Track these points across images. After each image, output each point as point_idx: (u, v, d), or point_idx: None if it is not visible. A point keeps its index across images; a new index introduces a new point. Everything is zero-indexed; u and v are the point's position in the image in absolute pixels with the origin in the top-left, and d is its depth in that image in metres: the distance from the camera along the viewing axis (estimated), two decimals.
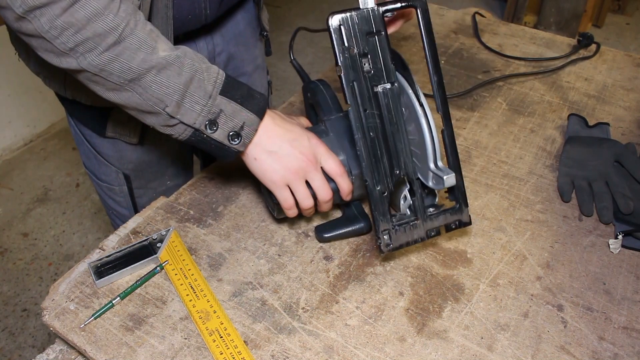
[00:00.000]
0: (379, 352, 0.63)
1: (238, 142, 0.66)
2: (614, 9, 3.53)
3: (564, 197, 0.84)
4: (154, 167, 0.95)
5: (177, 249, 0.73)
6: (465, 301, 0.68)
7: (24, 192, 2.21)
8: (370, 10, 0.63)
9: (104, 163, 0.92)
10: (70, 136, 2.46)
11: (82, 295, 0.68)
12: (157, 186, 0.98)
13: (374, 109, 0.64)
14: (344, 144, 0.73)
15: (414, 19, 0.68)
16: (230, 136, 0.65)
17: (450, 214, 0.69)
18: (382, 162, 0.65)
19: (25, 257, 1.93)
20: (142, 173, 0.94)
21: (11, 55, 0.85)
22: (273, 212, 0.75)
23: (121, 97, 0.63)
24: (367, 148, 0.64)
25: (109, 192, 0.97)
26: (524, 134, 0.98)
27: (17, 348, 1.65)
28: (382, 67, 0.64)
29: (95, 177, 0.96)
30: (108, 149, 0.90)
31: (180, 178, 1.01)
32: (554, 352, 0.63)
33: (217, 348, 0.61)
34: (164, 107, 0.62)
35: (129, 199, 0.97)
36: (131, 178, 0.94)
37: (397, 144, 0.66)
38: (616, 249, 0.75)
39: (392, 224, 0.66)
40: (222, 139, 0.65)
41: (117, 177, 0.93)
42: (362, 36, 0.63)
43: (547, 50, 1.23)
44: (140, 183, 0.96)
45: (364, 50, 0.63)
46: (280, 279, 0.71)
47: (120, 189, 0.95)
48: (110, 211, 1.02)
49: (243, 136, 0.65)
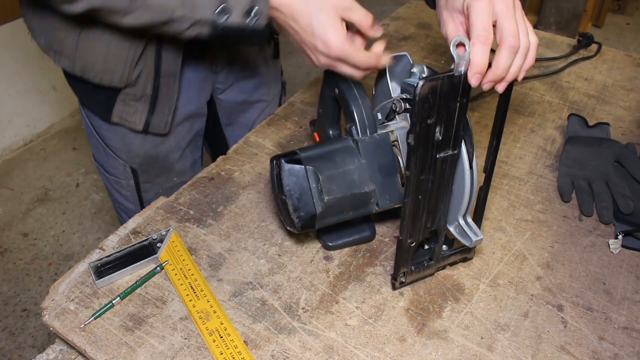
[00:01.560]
0: (379, 352, 0.63)
1: (257, 17, 0.65)
2: (614, 9, 3.54)
3: (564, 197, 0.84)
4: (161, 162, 0.96)
5: (177, 249, 0.73)
6: (465, 301, 0.68)
7: (24, 192, 2.21)
8: (462, 75, 0.56)
9: (112, 156, 0.93)
10: (70, 136, 2.46)
11: (82, 295, 0.68)
12: (164, 182, 0.99)
13: (430, 174, 0.60)
14: (375, 173, 0.68)
15: None
16: (245, 15, 0.65)
17: (460, 252, 0.71)
18: (420, 220, 0.64)
19: (25, 257, 1.93)
20: (148, 168, 0.95)
21: (11, 55, 0.85)
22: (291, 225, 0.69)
23: (135, 18, 0.66)
24: (411, 210, 0.62)
25: (116, 185, 0.98)
26: (524, 134, 0.98)
27: (17, 348, 1.65)
28: (452, 134, 0.59)
29: (104, 169, 0.98)
30: (116, 142, 0.91)
31: (187, 175, 1.01)
32: (554, 352, 0.63)
33: (217, 348, 0.61)
34: (173, 12, 0.64)
35: (136, 193, 0.98)
36: (138, 172, 0.95)
37: (440, 203, 0.64)
38: (616, 249, 0.75)
39: (410, 266, 0.68)
40: (240, 21, 0.65)
41: (124, 170, 0.95)
42: (444, 103, 0.56)
43: (547, 50, 1.23)
44: (147, 178, 0.97)
45: (442, 118, 0.57)
46: (280, 279, 0.71)
47: (127, 182, 0.96)
48: (117, 205, 1.03)
49: (259, 11, 0.65)
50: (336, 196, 0.65)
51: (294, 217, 0.66)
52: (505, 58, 0.57)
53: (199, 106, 0.97)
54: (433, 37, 1.29)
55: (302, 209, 0.65)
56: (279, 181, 0.66)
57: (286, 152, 0.67)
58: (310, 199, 0.65)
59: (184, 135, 0.96)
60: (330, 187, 0.65)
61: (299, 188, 0.65)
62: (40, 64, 2.30)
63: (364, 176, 0.67)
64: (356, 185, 0.66)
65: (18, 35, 2.18)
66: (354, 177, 0.66)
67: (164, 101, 0.86)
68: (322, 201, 0.65)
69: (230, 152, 0.92)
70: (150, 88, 0.83)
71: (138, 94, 0.84)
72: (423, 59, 1.20)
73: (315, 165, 0.65)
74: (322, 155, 0.67)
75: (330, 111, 0.78)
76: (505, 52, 0.57)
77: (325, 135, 0.80)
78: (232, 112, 1.07)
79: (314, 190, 0.64)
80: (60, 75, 0.89)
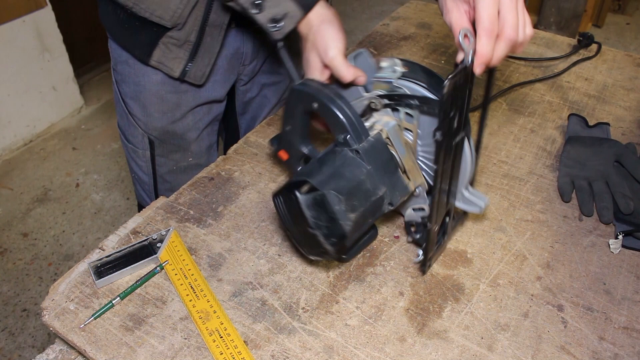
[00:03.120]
0: (379, 352, 0.63)
1: (277, 29, 0.70)
2: (614, 8, 3.53)
3: (564, 197, 0.84)
4: (177, 139, 0.99)
5: (177, 249, 0.73)
6: (465, 301, 0.68)
7: (24, 192, 2.21)
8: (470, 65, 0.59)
9: (133, 124, 0.97)
10: (70, 136, 2.46)
11: (82, 295, 0.68)
12: (179, 160, 1.02)
13: (450, 161, 0.64)
14: (382, 174, 0.67)
15: None
16: (270, 21, 0.70)
17: (459, 220, 0.77)
18: (442, 205, 0.67)
19: (25, 257, 1.93)
20: (165, 142, 0.99)
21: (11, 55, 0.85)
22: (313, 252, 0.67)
23: None
24: (438, 199, 0.65)
25: (133, 154, 1.02)
26: (524, 134, 0.98)
27: (17, 348, 1.65)
28: (462, 120, 0.63)
29: (124, 137, 1.02)
30: (138, 111, 0.95)
31: (203, 158, 1.05)
32: (554, 352, 0.63)
33: (217, 348, 0.61)
34: None
35: (150, 165, 1.02)
36: (155, 144, 0.99)
37: (452, 184, 0.68)
38: (616, 249, 0.75)
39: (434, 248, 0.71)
40: (264, 22, 0.70)
41: (142, 140, 0.98)
42: (460, 94, 0.60)
43: (547, 50, 1.23)
44: (163, 151, 1.00)
45: (457, 108, 0.61)
46: (280, 279, 0.71)
47: (143, 153, 1.00)
48: (133, 174, 1.07)
49: (283, 25, 0.70)
50: (360, 210, 0.64)
51: (327, 245, 0.63)
52: (502, 49, 0.60)
53: (222, 92, 1.00)
54: (433, 37, 1.29)
55: (333, 235, 0.62)
56: (297, 215, 0.63)
57: (290, 183, 0.64)
58: (337, 222, 0.62)
59: (202, 117, 1.00)
60: (353, 204, 0.63)
61: (325, 215, 0.62)
62: (40, 64, 2.30)
63: (375, 181, 0.66)
64: (371, 192, 0.65)
65: (18, 35, 2.18)
66: (368, 186, 0.65)
67: (205, 51, 0.89)
68: (349, 220, 0.62)
69: (230, 152, 0.92)
70: (195, 35, 0.86)
71: (182, 39, 0.86)
72: (423, 59, 1.20)
73: (331, 187, 0.62)
74: (332, 175, 0.64)
75: (300, 127, 0.74)
76: (503, 44, 0.59)
77: (296, 153, 0.76)
78: (248, 102, 1.11)
79: (339, 213, 0.62)
80: (60, 75, 0.90)
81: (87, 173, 2.30)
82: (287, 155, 0.78)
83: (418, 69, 0.67)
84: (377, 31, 1.31)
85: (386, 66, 0.69)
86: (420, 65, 0.68)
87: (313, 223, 0.62)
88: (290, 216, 0.65)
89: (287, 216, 0.65)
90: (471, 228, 0.78)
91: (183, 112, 0.96)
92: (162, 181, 1.04)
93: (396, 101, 0.68)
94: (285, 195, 0.64)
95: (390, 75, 0.68)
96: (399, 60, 0.68)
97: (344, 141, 0.66)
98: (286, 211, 0.65)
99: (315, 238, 0.63)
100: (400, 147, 0.69)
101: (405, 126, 0.69)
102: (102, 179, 2.25)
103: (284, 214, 0.65)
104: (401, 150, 0.69)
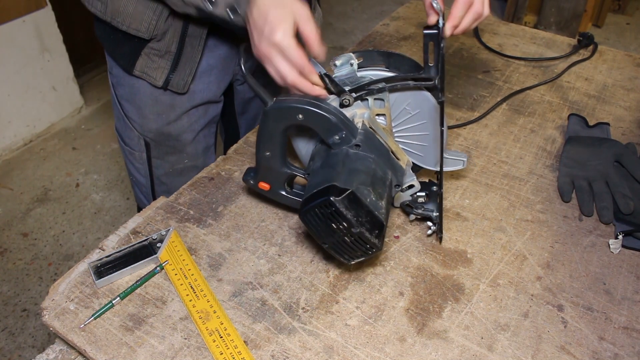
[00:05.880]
0: (379, 352, 0.62)
1: (238, 15, 0.71)
2: (614, 8, 3.53)
3: (564, 197, 0.84)
4: (172, 141, 1.00)
5: (177, 249, 0.73)
6: (465, 301, 0.68)
7: (24, 192, 2.21)
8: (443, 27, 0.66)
9: (129, 126, 0.98)
10: (70, 136, 2.46)
11: (82, 295, 0.68)
12: (175, 162, 1.03)
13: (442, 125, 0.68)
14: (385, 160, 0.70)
15: None
16: (228, 11, 0.71)
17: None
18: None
19: (25, 257, 1.93)
20: (161, 144, 1.00)
21: (11, 55, 0.86)
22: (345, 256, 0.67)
23: None
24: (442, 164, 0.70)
25: (130, 156, 1.03)
26: (524, 134, 0.98)
27: (17, 348, 1.65)
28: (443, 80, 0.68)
29: (122, 139, 1.03)
30: (133, 113, 0.96)
31: (199, 160, 1.05)
32: (554, 352, 0.63)
33: (217, 348, 0.61)
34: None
35: (147, 167, 1.03)
36: (151, 146, 1.00)
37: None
38: (616, 249, 0.75)
39: None
40: (222, 13, 0.71)
41: (138, 142, 0.99)
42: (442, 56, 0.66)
43: (547, 50, 1.23)
44: (159, 153, 1.01)
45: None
46: (280, 279, 0.71)
47: (139, 155, 1.01)
48: (131, 177, 1.08)
49: (240, 10, 0.70)
50: (385, 197, 0.66)
51: (373, 239, 0.64)
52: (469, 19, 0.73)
53: (217, 93, 1.00)
54: None
55: (375, 227, 0.64)
56: (336, 222, 0.63)
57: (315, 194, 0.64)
58: (373, 213, 0.63)
59: (198, 119, 1.00)
60: (379, 192, 0.65)
61: (362, 211, 0.63)
62: (40, 64, 2.30)
63: (383, 167, 0.69)
64: (385, 178, 0.68)
65: (18, 35, 2.18)
66: (380, 173, 0.68)
67: (186, 60, 0.90)
68: (382, 208, 0.64)
69: (230, 152, 0.92)
70: (175, 46, 0.87)
71: (163, 49, 0.87)
72: None
73: (357, 183, 0.63)
74: (349, 173, 0.65)
75: (280, 149, 0.72)
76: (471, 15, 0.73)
77: (278, 177, 0.75)
78: (247, 102, 1.11)
79: (372, 204, 0.63)
80: (60, 75, 0.90)
81: (87, 173, 2.29)
82: (268, 185, 0.76)
83: (374, 54, 0.71)
84: (377, 31, 1.31)
85: (341, 63, 0.71)
86: (376, 51, 0.72)
87: (356, 222, 0.62)
88: (327, 227, 0.64)
89: (323, 229, 0.64)
90: (471, 228, 0.78)
91: (178, 114, 0.96)
92: (159, 183, 1.04)
93: (366, 91, 0.70)
94: (320, 207, 0.63)
95: (349, 71, 0.70)
96: (352, 53, 0.71)
97: (341, 140, 0.67)
98: (322, 224, 0.64)
99: (362, 236, 0.63)
100: (381, 132, 0.71)
101: (377, 112, 0.72)
102: (102, 179, 2.25)
103: (319, 228, 0.65)
104: (383, 135, 0.71)
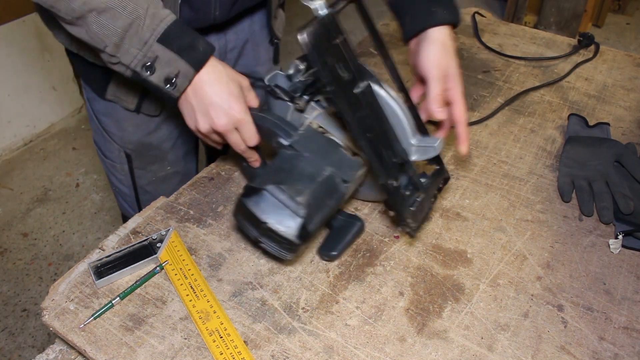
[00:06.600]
0: (379, 352, 0.63)
1: (173, 88, 0.70)
2: (614, 8, 3.53)
3: (564, 197, 0.84)
4: (154, 150, 0.98)
5: (177, 249, 0.73)
6: (465, 301, 0.68)
7: (24, 192, 2.21)
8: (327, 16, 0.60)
9: (108, 140, 0.97)
10: (70, 136, 2.46)
11: (82, 295, 0.68)
12: (157, 170, 1.02)
13: (361, 111, 0.64)
14: (324, 157, 0.71)
15: None
16: (165, 81, 0.69)
17: (437, 176, 0.75)
18: (384, 157, 0.67)
19: (25, 257, 1.93)
20: (142, 154, 0.98)
21: (11, 55, 0.86)
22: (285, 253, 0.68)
23: (74, 31, 0.70)
24: (370, 150, 0.64)
25: (112, 169, 1.02)
26: (524, 134, 0.98)
27: (17, 348, 1.65)
28: (353, 69, 0.64)
29: (102, 152, 1.01)
30: (112, 126, 0.94)
31: (181, 166, 1.04)
32: (554, 352, 0.63)
33: (217, 348, 0.61)
34: (104, 47, 0.68)
35: (130, 178, 1.01)
36: (132, 157, 0.98)
37: (389, 135, 0.68)
38: (616, 249, 0.75)
39: (408, 208, 0.70)
40: (158, 82, 0.70)
41: (119, 155, 0.98)
42: (329, 46, 0.61)
43: (547, 50, 1.23)
44: (141, 164, 1.00)
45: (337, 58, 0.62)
46: (280, 279, 0.71)
47: (121, 167, 1.00)
48: (114, 188, 1.07)
49: (177, 84, 0.70)
50: (306, 192, 0.67)
51: (287, 234, 0.65)
52: None
53: None
54: None
55: (288, 223, 0.65)
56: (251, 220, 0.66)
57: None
58: (288, 210, 0.65)
59: (176, 126, 0.99)
60: (297, 188, 0.67)
61: (273, 207, 0.65)
62: (40, 64, 2.30)
63: (317, 164, 0.70)
64: (316, 174, 0.69)
65: (18, 35, 2.18)
66: (310, 170, 0.69)
67: None
68: (299, 204, 0.66)
69: (230, 152, 0.92)
70: None
71: None
72: None
73: (271, 182, 0.66)
74: (273, 173, 0.69)
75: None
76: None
77: None
78: None
79: (287, 200, 0.65)
80: (60, 75, 0.90)
81: (87, 173, 2.29)
82: None
83: None
84: None
85: (292, 72, 0.72)
86: None
87: (265, 217, 0.65)
88: (252, 225, 0.67)
89: (250, 228, 0.68)
90: (471, 228, 0.78)
91: (157, 123, 0.94)
92: (143, 192, 1.03)
93: (312, 93, 0.71)
94: (237, 208, 0.68)
95: (300, 78, 0.71)
96: (297, 59, 0.72)
97: (279, 144, 0.72)
98: (246, 223, 0.68)
99: (276, 232, 0.65)
100: (335, 129, 0.72)
101: (333, 110, 0.72)
102: (102, 179, 2.25)
103: (247, 228, 0.68)
104: (337, 132, 0.72)
